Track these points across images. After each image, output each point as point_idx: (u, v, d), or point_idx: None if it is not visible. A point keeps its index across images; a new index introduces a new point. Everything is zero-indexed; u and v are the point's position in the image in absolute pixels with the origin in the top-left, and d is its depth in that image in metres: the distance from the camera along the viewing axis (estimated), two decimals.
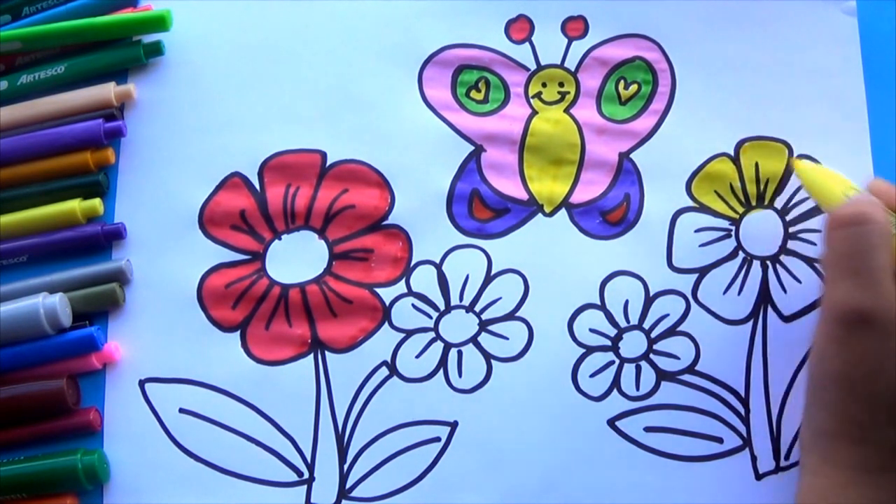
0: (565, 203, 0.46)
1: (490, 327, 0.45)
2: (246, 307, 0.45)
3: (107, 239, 0.45)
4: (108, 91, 0.47)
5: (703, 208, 0.46)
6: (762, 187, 0.46)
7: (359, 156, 0.46)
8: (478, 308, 0.45)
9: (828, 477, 0.37)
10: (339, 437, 0.44)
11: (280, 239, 0.46)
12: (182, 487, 0.43)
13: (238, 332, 0.45)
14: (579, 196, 0.46)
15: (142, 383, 0.44)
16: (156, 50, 0.48)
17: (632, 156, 0.46)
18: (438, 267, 0.45)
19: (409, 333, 0.45)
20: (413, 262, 0.45)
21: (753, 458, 0.43)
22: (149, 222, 0.46)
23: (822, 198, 0.42)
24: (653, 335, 0.44)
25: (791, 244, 0.45)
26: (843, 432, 0.37)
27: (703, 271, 0.45)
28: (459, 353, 0.44)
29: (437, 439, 0.43)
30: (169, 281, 0.45)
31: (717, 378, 0.44)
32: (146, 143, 0.47)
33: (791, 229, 0.45)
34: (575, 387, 0.44)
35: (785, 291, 0.45)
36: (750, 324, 0.44)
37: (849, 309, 0.36)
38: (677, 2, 0.48)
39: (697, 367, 0.44)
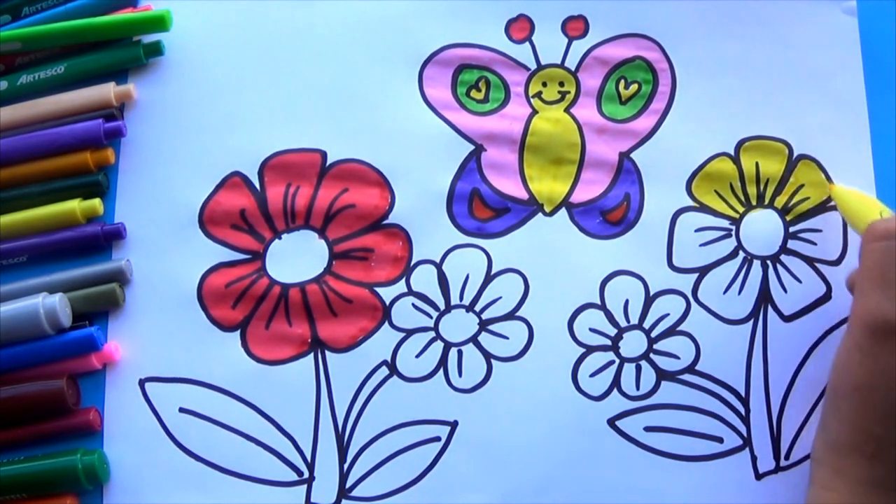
0: (565, 202, 0.46)
1: (490, 327, 0.45)
2: (246, 307, 0.45)
3: (107, 239, 0.45)
4: (107, 91, 0.47)
5: (703, 208, 0.46)
6: (762, 187, 0.46)
7: (359, 155, 0.46)
8: (478, 308, 0.45)
9: (837, 492, 0.37)
10: (339, 437, 0.44)
11: (280, 238, 0.46)
12: (182, 487, 0.43)
13: (238, 332, 0.45)
14: (579, 195, 0.46)
15: (142, 383, 0.44)
16: (156, 50, 0.48)
17: (632, 155, 0.46)
18: (438, 266, 0.45)
19: (410, 333, 0.45)
20: (413, 262, 0.45)
21: (753, 458, 0.43)
22: (149, 222, 0.46)
23: (856, 219, 0.42)
24: (653, 335, 0.44)
25: (791, 244, 0.45)
26: (857, 446, 0.36)
27: (703, 271, 0.45)
28: (459, 353, 0.44)
29: (437, 439, 0.43)
30: (169, 281, 0.45)
31: (718, 378, 0.44)
32: (146, 143, 0.47)
33: (791, 229, 0.45)
34: (575, 386, 0.44)
35: (785, 291, 0.45)
36: (750, 323, 0.44)
37: (877, 319, 0.36)
38: (677, 2, 0.48)
39: (697, 367, 0.44)
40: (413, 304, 0.45)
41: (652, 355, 0.44)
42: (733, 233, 0.45)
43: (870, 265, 0.37)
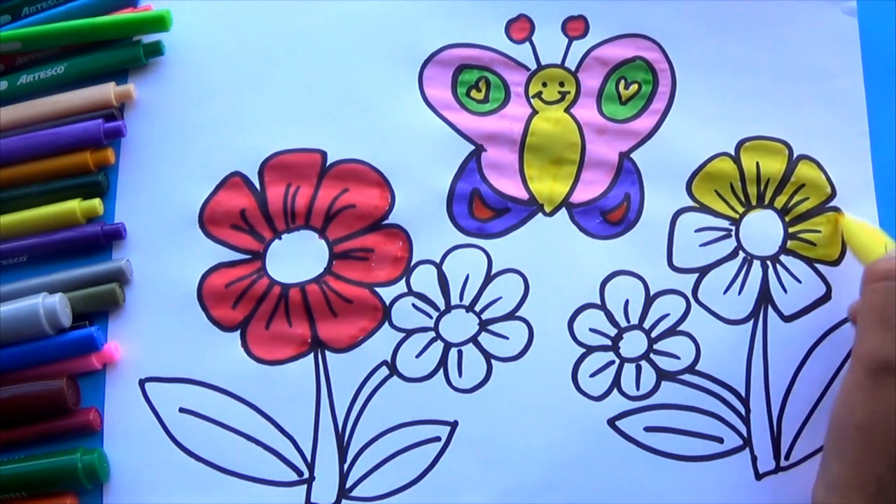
0: (565, 203, 0.46)
1: (490, 327, 0.45)
2: (246, 307, 0.45)
3: (107, 239, 0.45)
4: (107, 91, 0.47)
5: (703, 208, 0.46)
6: (762, 187, 0.46)
7: (359, 155, 0.46)
8: (478, 308, 0.45)
9: None
10: (339, 437, 0.44)
11: (280, 238, 0.46)
12: (182, 487, 0.43)
13: (238, 332, 0.45)
14: (580, 196, 0.46)
15: (142, 383, 0.44)
16: (156, 50, 0.48)
17: (632, 155, 0.46)
18: (438, 266, 0.45)
19: (410, 333, 0.45)
20: (413, 262, 0.45)
21: (753, 458, 0.43)
22: (149, 222, 0.46)
23: (862, 252, 0.42)
24: (653, 335, 0.44)
25: (791, 244, 0.45)
26: (859, 486, 0.36)
27: (703, 271, 0.45)
28: (459, 353, 0.44)
29: (437, 439, 0.43)
30: (169, 281, 0.45)
31: (718, 378, 0.44)
32: (146, 143, 0.47)
33: (791, 229, 0.45)
34: (575, 386, 0.44)
35: (785, 291, 0.45)
36: (750, 324, 0.44)
37: (879, 360, 0.36)
38: (677, 2, 0.48)
39: (698, 367, 0.44)
40: (413, 305, 0.45)
41: (652, 355, 0.44)
42: (733, 233, 0.45)
43: (871, 305, 0.37)
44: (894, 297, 0.36)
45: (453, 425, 0.44)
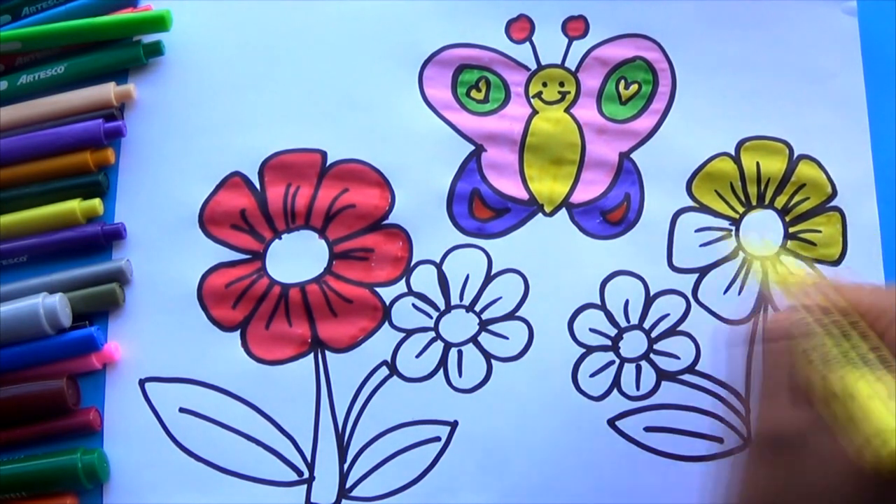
0: (565, 203, 0.46)
1: (490, 327, 0.45)
2: (246, 307, 0.45)
3: (107, 239, 0.45)
4: (108, 91, 0.47)
5: (703, 208, 0.46)
6: (763, 187, 0.46)
7: (359, 155, 0.46)
8: (478, 308, 0.45)
9: None
10: (339, 437, 0.44)
11: (280, 238, 0.46)
12: (182, 487, 0.43)
13: (238, 332, 0.45)
14: (579, 196, 0.46)
15: (142, 383, 0.44)
16: (156, 50, 0.48)
17: (632, 155, 0.46)
18: (439, 266, 0.45)
19: (410, 333, 0.45)
20: (413, 262, 0.45)
21: None
22: (149, 222, 0.46)
23: (782, 288, 0.42)
24: (653, 335, 0.44)
25: (791, 244, 0.45)
26: None
27: (703, 271, 0.45)
28: (459, 353, 0.44)
29: (437, 439, 0.43)
30: (169, 281, 0.45)
31: (718, 378, 0.44)
32: (146, 143, 0.47)
33: (791, 229, 0.45)
34: (575, 386, 0.44)
35: None
36: (750, 324, 0.44)
37: (774, 430, 0.35)
38: (677, 2, 0.48)
39: (697, 367, 0.44)
40: (413, 305, 0.45)
41: (652, 355, 0.44)
42: (733, 233, 0.45)
43: (763, 369, 0.36)
44: (776, 363, 0.35)
45: (453, 425, 0.44)
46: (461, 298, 0.45)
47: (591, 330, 0.44)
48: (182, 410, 0.44)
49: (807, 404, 0.34)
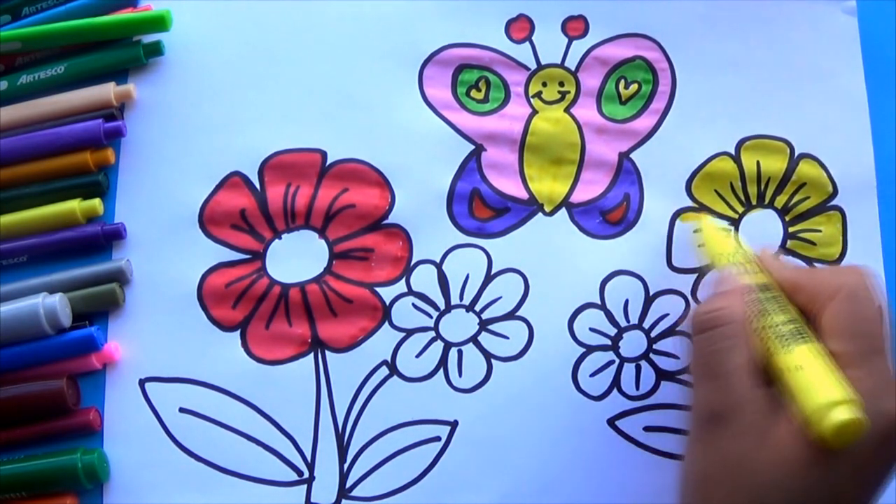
0: (565, 202, 0.46)
1: (490, 327, 0.45)
2: (246, 307, 0.45)
3: (107, 239, 0.45)
4: (107, 91, 0.47)
5: (703, 208, 0.46)
6: (763, 187, 0.46)
7: (359, 155, 0.46)
8: (478, 307, 0.45)
9: None
10: (339, 437, 0.44)
11: (280, 238, 0.46)
12: (182, 487, 0.43)
13: (238, 332, 0.45)
14: (579, 195, 0.46)
15: (142, 383, 0.44)
16: (156, 50, 0.48)
17: (632, 155, 0.46)
18: (438, 266, 0.45)
19: (410, 333, 0.45)
20: (413, 262, 0.45)
21: None
22: (149, 222, 0.46)
23: (712, 261, 0.42)
24: (653, 335, 0.44)
25: (791, 244, 0.45)
26: None
27: (702, 271, 0.45)
28: (459, 353, 0.44)
29: (437, 439, 0.43)
30: (169, 281, 0.45)
31: None
32: (146, 143, 0.47)
33: (791, 229, 0.45)
34: (575, 386, 0.44)
35: None
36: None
37: (705, 411, 0.36)
38: (677, 2, 0.48)
39: None
40: (413, 304, 0.45)
41: (652, 355, 0.44)
42: (733, 233, 0.45)
43: (695, 359, 0.37)
44: (712, 348, 0.36)
45: (453, 425, 0.44)
46: (461, 298, 0.45)
47: (591, 329, 0.44)
48: (182, 410, 0.44)
49: (741, 384, 0.35)
